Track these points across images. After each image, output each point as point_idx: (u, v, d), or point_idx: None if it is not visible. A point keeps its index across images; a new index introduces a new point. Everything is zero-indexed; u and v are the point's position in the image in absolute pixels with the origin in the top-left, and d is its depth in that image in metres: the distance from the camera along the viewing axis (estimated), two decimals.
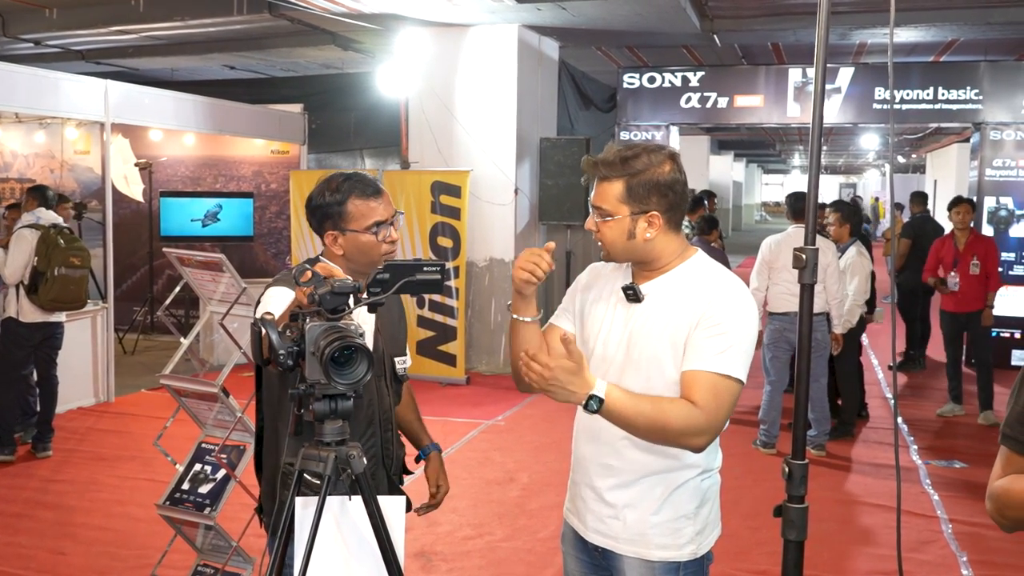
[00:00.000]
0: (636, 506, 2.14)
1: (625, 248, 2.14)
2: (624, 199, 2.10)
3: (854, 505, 5.43)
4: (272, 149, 10.51)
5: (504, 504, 5.32)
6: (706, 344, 2.03)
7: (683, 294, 2.11)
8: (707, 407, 1.99)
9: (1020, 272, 9.52)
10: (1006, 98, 9.46)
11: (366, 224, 2.35)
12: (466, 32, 8.85)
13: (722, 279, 2.14)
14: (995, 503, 1.63)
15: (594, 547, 2.23)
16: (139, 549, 4.50)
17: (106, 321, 7.56)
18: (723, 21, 9.35)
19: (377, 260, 2.35)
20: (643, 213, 2.10)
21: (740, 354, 2.04)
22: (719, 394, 2.00)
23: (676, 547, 2.14)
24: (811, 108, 2.14)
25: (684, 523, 2.14)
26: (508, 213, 8.89)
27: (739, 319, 2.06)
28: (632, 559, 2.16)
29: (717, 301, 2.06)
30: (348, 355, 1.83)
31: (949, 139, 19.25)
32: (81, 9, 9.17)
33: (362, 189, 2.38)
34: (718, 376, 2.01)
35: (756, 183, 39.27)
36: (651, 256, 2.15)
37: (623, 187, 2.10)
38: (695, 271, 2.16)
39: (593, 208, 2.16)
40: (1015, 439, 1.63)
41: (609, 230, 2.13)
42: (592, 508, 2.21)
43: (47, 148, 10.60)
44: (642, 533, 2.14)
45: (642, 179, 2.09)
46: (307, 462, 1.96)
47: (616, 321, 2.18)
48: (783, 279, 6.13)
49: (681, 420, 1.98)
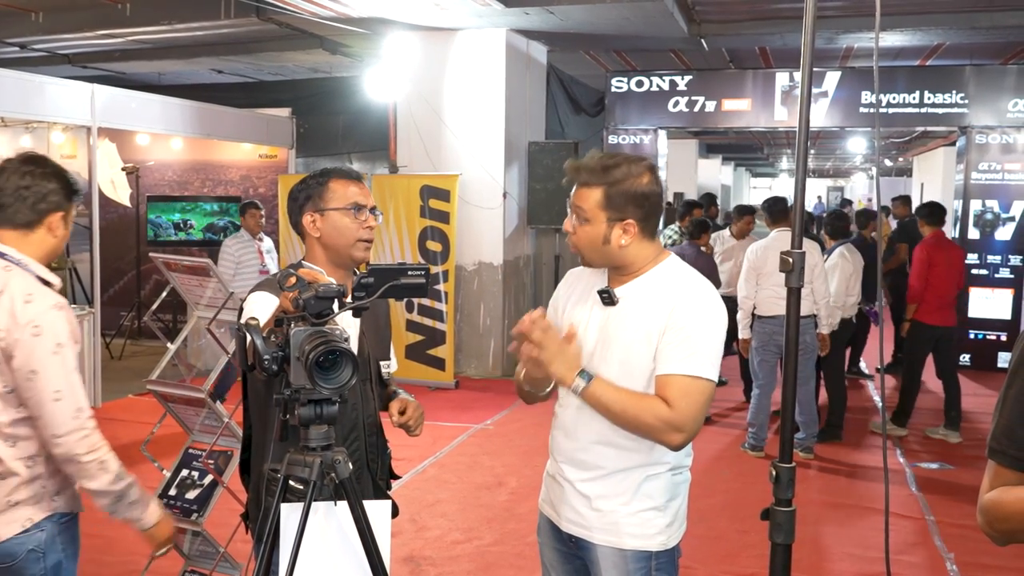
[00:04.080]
0: (609, 497, 2.22)
1: (599, 253, 2.23)
2: (602, 206, 2.20)
3: (842, 507, 5.45)
4: (260, 153, 10.48)
5: (493, 508, 5.31)
6: (674, 349, 2.13)
7: (654, 297, 2.20)
8: (678, 407, 2.10)
9: (1006, 275, 9.57)
10: (991, 102, 9.52)
11: (345, 203, 2.37)
12: (454, 36, 8.85)
13: (689, 283, 2.22)
14: (985, 516, 1.62)
15: (569, 537, 2.31)
16: (125, 555, 4.46)
17: (93, 326, 7.51)
18: (711, 25, 9.39)
19: (352, 244, 2.37)
20: (619, 220, 2.19)
21: (707, 355, 2.14)
22: (689, 394, 2.11)
23: (647, 536, 2.22)
24: (798, 112, 2.15)
25: (655, 515, 2.23)
26: (497, 217, 8.89)
27: (704, 321, 2.16)
28: (606, 548, 2.24)
29: (682, 305, 2.16)
30: (333, 360, 1.83)
31: (936, 143, 19.33)
32: (67, 13, 9.13)
33: (343, 173, 2.44)
34: (687, 378, 2.12)
35: (744, 187, 39.37)
36: (624, 261, 2.24)
37: (602, 194, 2.20)
38: (666, 275, 2.24)
39: (572, 208, 2.25)
40: (1002, 452, 1.62)
41: (584, 234, 2.23)
42: (567, 499, 2.29)
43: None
44: (615, 523, 2.22)
45: (620, 188, 2.19)
46: (293, 467, 1.95)
47: (592, 322, 2.27)
48: (771, 283, 6.15)
49: (654, 416, 2.10)
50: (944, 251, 6.93)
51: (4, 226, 2.35)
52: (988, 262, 9.59)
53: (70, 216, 2.44)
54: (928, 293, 6.81)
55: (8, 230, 2.35)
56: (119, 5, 8.77)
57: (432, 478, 5.84)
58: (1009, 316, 9.50)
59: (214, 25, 8.96)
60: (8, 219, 2.35)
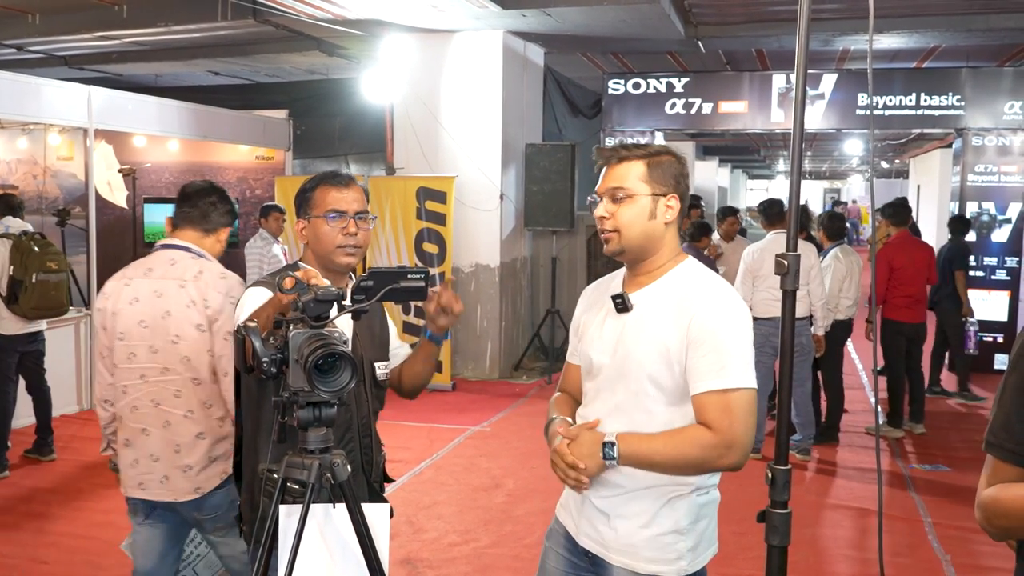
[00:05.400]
0: (628, 517, 2.12)
1: (643, 231, 2.13)
2: (646, 178, 2.12)
3: (839, 509, 5.45)
4: (257, 155, 10.47)
5: (490, 510, 5.31)
6: (703, 365, 2.02)
7: (671, 304, 2.10)
8: (721, 426, 2.00)
9: (1002, 276, 9.59)
10: (987, 104, 9.54)
11: (324, 210, 2.38)
12: (451, 38, 8.85)
13: (709, 288, 2.13)
14: (984, 512, 1.62)
15: (584, 551, 2.22)
16: (121, 558, 4.45)
17: (89, 328, 7.50)
18: (707, 27, 9.40)
19: (332, 251, 2.37)
20: (664, 195, 2.13)
21: (739, 362, 2.04)
22: (730, 409, 2.00)
23: (666, 562, 2.11)
24: (793, 114, 2.14)
25: (675, 538, 2.11)
26: (494, 219, 8.89)
27: (727, 328, 2.05)
28: (621, 569, 2.13)
29: (700, 316, 2.05)
30: (332, 363, 1.83)
31: (932, 144, 19.38)
32: (64, 15, 9.12)
33: (332, 179, 2.44)
34: (722, 393, 2.01)
35: (741, 188, 39.41)
36: (659, 247, 2.15)
37: (645, 167, 2.12)
38: (683, 280, 2.15)
39: (605, 193, 2.15)
40: (1000, 447, 1.61)
41: (628, 210, 2.12)
42: (586, 513, 2.19)
43: (30, 154, 10.52)
44: (632, 544, 2.12)
45: (662, 161, 2.14)
46: (291, 470, 1.95)
47: (606, 331, 2.18)
48: (767, 285, 6.16)
49: (697, 448, 2.01)
50: (906, 253, 7.02)
51: (191, 227, 3.04)
52: (985, 264, 9.61)
53: (228, 233, 3.17)
54: (895, 291, 6.95)
55: (192, 231, 3.04)
56: (115, 7, 8.76)
57: (429, 480, 5.84)
58: (1006, 318, 9.51)
59: (210, 27, 8.95)
60: (195, 223, 3.05)
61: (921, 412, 7.16)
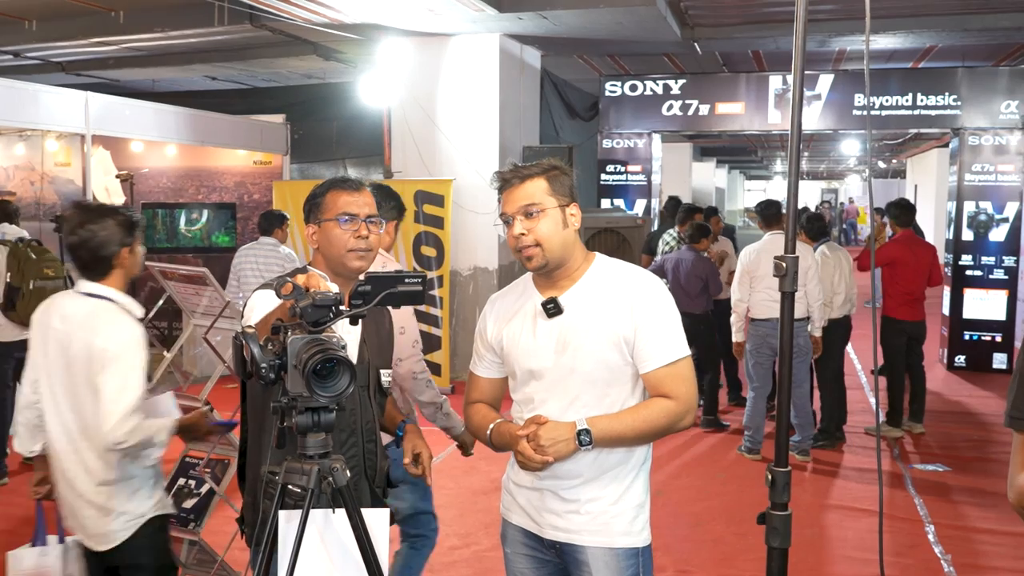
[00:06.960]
0: (598, 500, 2.27)
1: (561, 240, 2.27)
2: (550, 192, 2.28)
3: (839, 510, 5.45)
4: (254, 160, 10.46)
5: (491, 513, 5.30)
6: (653, 344, 2.23)
7: (606, 298, 2.26)
8: (678, 393, 2.23)
9: (1000, 276, 9.60)
10: (984, 103, 9.55)
11: (335, 213, 2.40)
12: (448, 41, 8.86)
13: (634, 276, 2.30)
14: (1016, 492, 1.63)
15: (551, 543, 2.33)
16: None
17: None
18: (704, 29, 9.41)
19: (343, 255, 2.39)
20: (567, 205, 2.30)
21: (678, 334, 2.27)
22: (682, 377, 2.24)
23: (635, 533, 2.30)
24: (790, 115, 2.15)
25: (639, 511, 2.31)
26: (491, 222, 8.88)
27: (662, 306, 2.26)
28: (596, 548, 2.27)
29: (640, 301, 2.24)
30: (330, 368, 1.83)
31: (929, 144, 19.41)
32: (61, 21, 9.12)
33: (342, 184, 2.46)
34: (673, 365, 2.23)
35: (739, 189, 39.47)
36: (573, 251, 2.30)
37: (546, 182, 2.29)
38: (606, 273, 2.31)
39: (517, 212, 2.27)
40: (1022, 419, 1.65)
41: (544, 223, 2.26)
42: (549, 506, 2.31)
43: (27, 160, 10.50)
44: (606, 523, 2.27)
45: (558, 175, 2.31)
46: (290, 475, 1.95)
47: (541, 336, 2.29)
48: (764, 286, 6.16)
49: (665, 416, 2.22)
50: (910, 250, 7.02)
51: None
52: (982, 263, 9.61)
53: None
54: (895, 289, 6.96)
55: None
56: (113, 13, 8.76)
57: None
58: (1004, 317, 9.51)
59: (208, 32, 8.95)
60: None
61: (921, 412, 7.16)
